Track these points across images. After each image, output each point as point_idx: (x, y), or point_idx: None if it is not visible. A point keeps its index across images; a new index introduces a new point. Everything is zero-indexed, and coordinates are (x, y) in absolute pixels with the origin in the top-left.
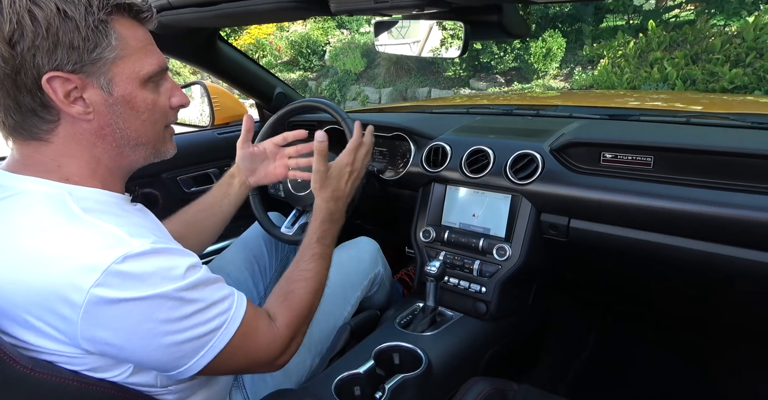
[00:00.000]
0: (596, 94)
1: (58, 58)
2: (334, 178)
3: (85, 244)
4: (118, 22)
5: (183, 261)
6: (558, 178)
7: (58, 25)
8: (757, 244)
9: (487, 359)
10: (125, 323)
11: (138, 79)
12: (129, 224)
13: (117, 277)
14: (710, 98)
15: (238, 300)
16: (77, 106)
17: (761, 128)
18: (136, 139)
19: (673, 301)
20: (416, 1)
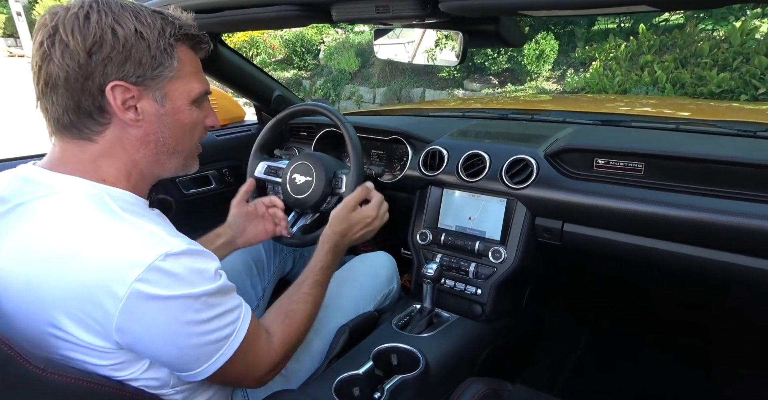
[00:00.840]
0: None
1: (125, 70)
2: (354, 219)
3: (129, 240)
4: (181, 48)
5: (213, 264)
6: (552, 183)
7: (133, 43)
8: (743, 249)
9: (483, 360)
10: (156, 319)
11: (188, 97)
12: (163, 224)
13: (158, 273)
14: (698, 104)
15: (245, 311)
16: (130, 113)
17: (747, 136)
18: (174, 147)
19: (666, 304)
20: (417, 13)
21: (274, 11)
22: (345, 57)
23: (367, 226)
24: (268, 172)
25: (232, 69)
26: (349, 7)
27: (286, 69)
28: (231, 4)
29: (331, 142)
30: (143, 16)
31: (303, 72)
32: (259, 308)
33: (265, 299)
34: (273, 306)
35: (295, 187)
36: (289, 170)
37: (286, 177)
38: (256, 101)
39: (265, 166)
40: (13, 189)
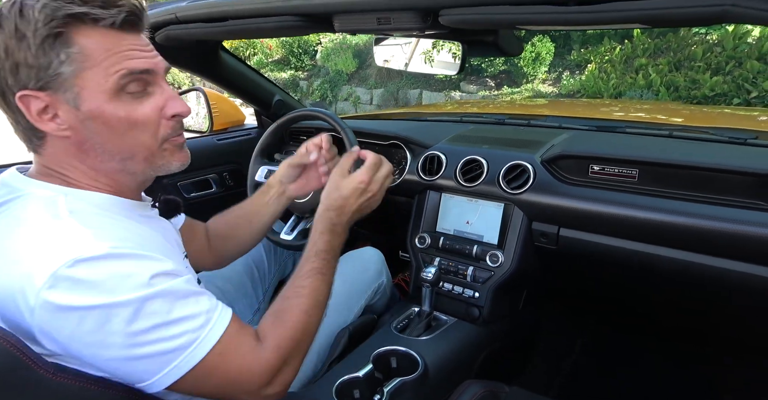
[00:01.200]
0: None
1: (21, 77)
2: (345, 189)
3: (47, 245)
4: (82, 33)
5: (148, 268)
6: (548, 189)
7: (14, 45)
8: (734, 254)
9: (480, 363)
10: (77, 330)
11: (105, 91)
12: (108, 226)
13: (66, 281)
14: (691, 110)
15: (219, 317)
16: (51, 123)
17: (737, 143)
18: (121, 155)
19: (662, 310)
20: (417, 25)
21: (277, 21)
22: (342, 58)
23: (363, 193)
24: (268, 176)
25: (234, 74)
26: (350, 18)
27: (283, 70)
28: (236, 14)
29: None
30: (28, 8)
31: (300, 73)
32: (260, 311)
33: (266, 301)
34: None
35: None
36: None
37: None
38: (257, 106)
39: (265, 170)
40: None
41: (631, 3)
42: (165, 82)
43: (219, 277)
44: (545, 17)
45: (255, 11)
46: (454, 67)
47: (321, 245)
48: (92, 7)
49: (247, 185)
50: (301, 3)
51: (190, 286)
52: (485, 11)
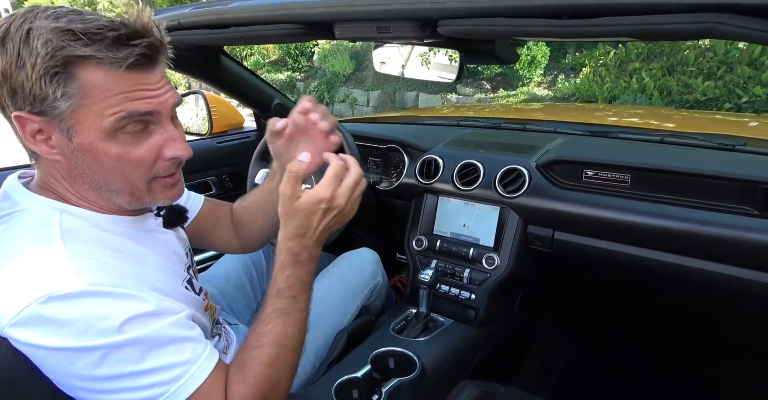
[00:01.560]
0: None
1: (18, 101)
2: (302, 211)
3: (27, 273)
4: (85, 69)
5: (124, 310)
6: (543, 193)
7: (14, 70)
8: (721, 258)
9: (476, 363)
10: (43, 365)
11: (100, 130)
12: (94, 254)
13: (35, 319)
14: (683, 115)
15: (198, 370)
16: (44, 145)
17: (726, 150)
18: (107, 186)
19: (651, 310)
20: (416, 34)
21: (279, 29)
22: (339, 60)
23: (327, 213)
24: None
25: (234, 78)
26: (351, 26)
27: (280, 71)
28: (238, 21)
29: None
30: (34, 34)
31: (297, 74)
32: (258, 311)
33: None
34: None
35: None
36: None
37: None
38: (257, 109)
39: (264, 173)
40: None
41: (622, 18)
42: (168, 122)
43: (218, 278)
44: (540, 30)
45: (258, 19)
46: (450, 70)
47: (282, 282)
48: (99, 50)
49: (246, 187)
50: (303, 11)
51: (173, 330)
52: (482, 23)
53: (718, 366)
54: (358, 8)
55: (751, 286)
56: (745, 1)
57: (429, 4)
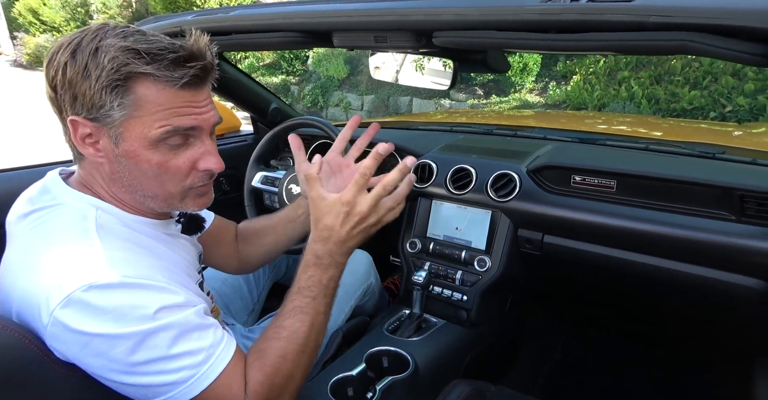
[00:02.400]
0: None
1: (77, 107)
2: (325, 212)
3: (68, 265)
4: (142, 84)
5: (156, 300)
6: (533, 197)
7: (79, 79)
8: (700, 261)
9: (467, 363)
10: (82, 352)
11: (146, 139)
12: (127, 250)
13: (78, 305)
14: (670, 124)
15: (221, 355)
16: (90, 148)
17: (707, 158)
18: (143, 192)
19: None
20: (412, 44)
21: (279, 37)
22: (334, 64)
23: (348, 218)
24: (265, 182)
25: (233, 83)
26: (349, 35)
27: (275, 74)
28: (239, 28)
29: (324, 153)
30: (103, 50)
31: (291, 77)
32: (254, 312)
33: (260, 302)
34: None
35: (291, 197)
36: (285, 180)
37: (283, 187)
38: (254, 113)
39: (262, 176)
40: (37, 195)
41: (605, 34)
42: (207, 137)
43: (216, 279)
44: (528, 43)
45: (258, 27)
46: (443, 75)
47: (303, 282)
48: (158, 69)
49: (244, 190)
50: (303, 20)
51: (197, 318)
52: (475, 35)
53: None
54: (357, 18)
55: (728, 287)
56: (714, 22)
57: (424, 17)
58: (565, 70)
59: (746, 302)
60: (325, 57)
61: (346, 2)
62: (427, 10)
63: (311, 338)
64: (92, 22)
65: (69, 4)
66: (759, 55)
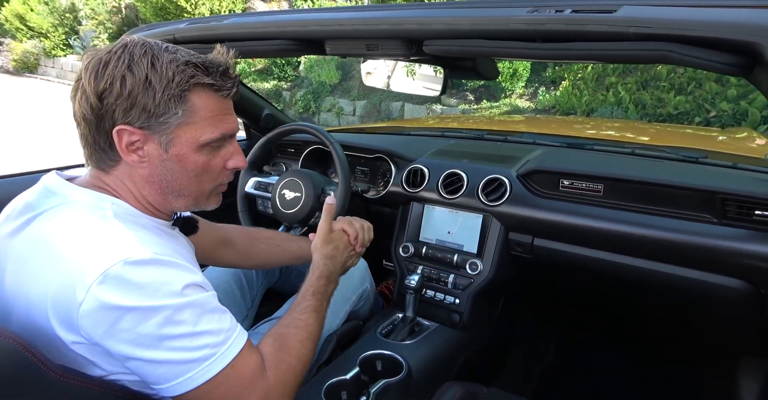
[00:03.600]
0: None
1: (131, 115)
2: (336, 240)
3: (98, 245)
4: (196, 94)
5: (183, 277)
6: (523, 201)
7: (140, 91)
8: (684, 262)
9: (460, 365)
10: (113, 328)
11: (196, 143)
12: (147, 234)
13: (115, 280)
14: (657, 129)
15: (237, 337)
16: (134, 155)
17: (690, 162)
18: (179, 191)
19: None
20: (403, 52)
21: (272, 45)
22: (325, 69)
23: (345, 247)
24: (258, 187)
25: None
26: (341, 43)
27: (266, 80)
28: (232, 37)
29: (317, 158)
30: (160, 63)
31: (283, 83)
32: (248, 318)
33: (254, 308)
34: (268, 332)
35: (284, 202)
36: (278, 186)
37: (276, 192)
38: (247, 119)
39: (255, 182)
40: (38, 198)
41: (588, 44)
42: (234, 139)
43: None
44: (515, 51)
45: (251, 35)
46: (435, 80)
47: (318, 287)
48: (216, 79)
49: (237, 196)
50: (296, 29)
51: (215, 301)
52: (464, 44)
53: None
54: (349, 27)
55: (710, 288)
56: (690, 33)
57: (415, 25)
58: (554, 76)
59: (727, 302)
60: (317, 63)
61: (338, 11)
62: (418, 19)
63: (317, 333)
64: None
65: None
66: (731, 64)
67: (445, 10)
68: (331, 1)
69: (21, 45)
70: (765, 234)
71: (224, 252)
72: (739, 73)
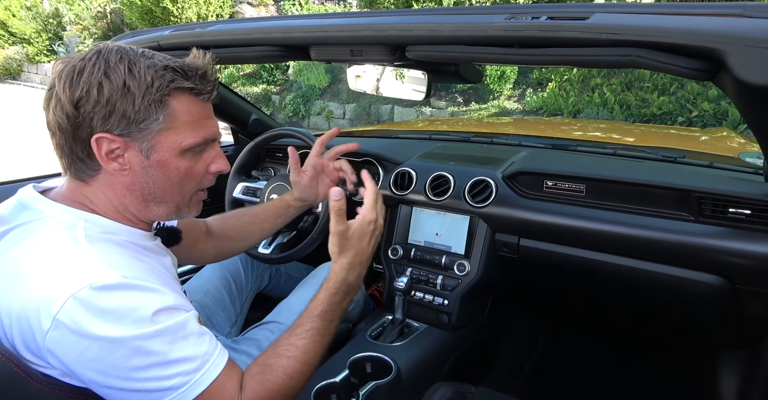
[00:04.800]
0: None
1: (110, 123)
2: (356, 239)
3: (64, 269)
4: (176, 98)
5: (154, 302)
6: (509, 202)
7: (118, 97)
8: (663, 260)
9: (449, 365)
10: (81, 356)
11: (177, 149)
12: (119, 254)
13: (81, 305)
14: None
15: (215, 362)
16: (115, 163)
17: (669, 161)
18: (161, 198)
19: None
20: (386, 57)
21: (257, 51)
22: (315, 73)
23: (373, 233)
24: (246, 192)
25: None
26: (326, 49)
27: (255, 83)
28: (217, 43)
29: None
30: (138, 68)
31: (272, 87)
32: (237, 323)
33: (243, 313)
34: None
35: None
36: (267, 191)
37: (264, 197)
38: (235, 125)
39: (243, 187)
40: (12, 212)
41: (563, 50)
42: (217, 143)
43: (198, 291)
44: (494, 57)
45: (236, 41)
46: (423, 83)
47: (328, 306)
48: (196, 83)
49: (225, 201)
50: (280, 35)
51: (193, 324)
52: (445, 49)
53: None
54: (333, 33)
55: (688, 284)
56: (657, 40)
57: (398, 32)
58: (541, 78)
59: (706, 297)
60: (306, 66)
61: (322, 18)
62: (400, 26)
63: (318, 359)
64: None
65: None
66: (696, 69)
67: (426, 17)
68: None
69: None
70: (739, 231)
71: (208, 244)
72: (704, 78)
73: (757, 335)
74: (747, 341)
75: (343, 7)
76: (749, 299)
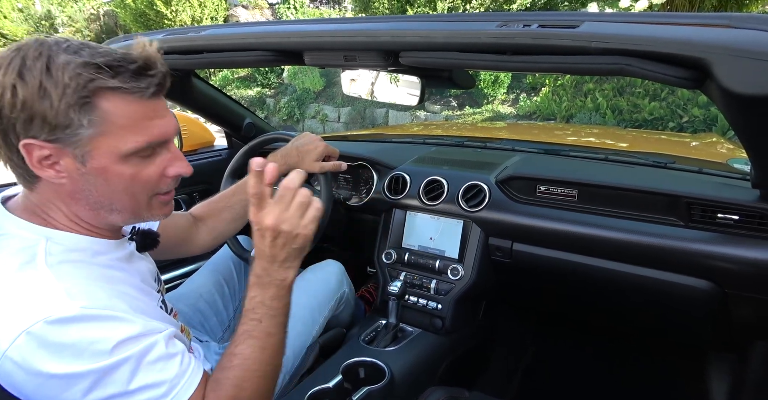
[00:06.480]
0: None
1: (33, 129)
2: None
3: (19, 300)
4: (105, 99)
5: (115, 333)
6: (502, 207)
7: (35, 101)
8: (653, 264)
9: (443, 370)
10: (37, 392)
11: (117, 155)
12: (83, 278)
13: (35, 341)
14: (633, 135)
15: (185, 384)
16: (50, 171)
17: (659, 167)
18: (110, 206)
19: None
20: (380, 63)
21: (251, 55)
22: (309, 76)
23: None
24: None
25: (205, 99)
26: (320, 55)
27: (250, 87)
28: (211, 47)
29: None
30: (55, 67)
31: (267, 90)
32: (231, 328)
33: (236, 317)
34: None
35: None
36: None
37: None
38: (228, 128)
39: None
40: None
41: (553, 57)
42: (172, 142)
43: (190, 295)
44: (486, 63)
45: (230, 46)
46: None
47: (247, 304)
48: (124, 81)
49: None
50: (274, 40)
51: (162, 348)
52: (438, 56)
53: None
54: (327, 39)
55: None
56: (645, 49)
57: (391, 38)
58: (535, 83)
59: (695, 301)
60: (301, 69)
61: (317, 23)
62: (394, 32)
63: (266, 362)
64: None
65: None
66: (683, 78)
67: (419, 24)
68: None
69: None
70: (727, 236)
71: (201, 232)
72: (691, 86)
73: (745, 338)
74: (735, 344)
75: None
76: (737, 303)
